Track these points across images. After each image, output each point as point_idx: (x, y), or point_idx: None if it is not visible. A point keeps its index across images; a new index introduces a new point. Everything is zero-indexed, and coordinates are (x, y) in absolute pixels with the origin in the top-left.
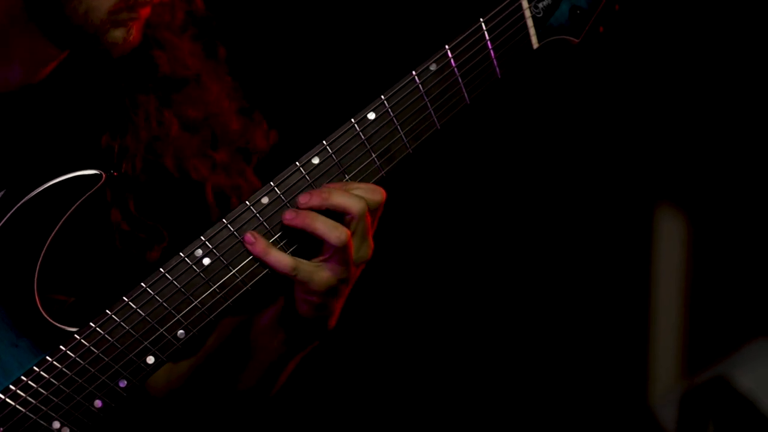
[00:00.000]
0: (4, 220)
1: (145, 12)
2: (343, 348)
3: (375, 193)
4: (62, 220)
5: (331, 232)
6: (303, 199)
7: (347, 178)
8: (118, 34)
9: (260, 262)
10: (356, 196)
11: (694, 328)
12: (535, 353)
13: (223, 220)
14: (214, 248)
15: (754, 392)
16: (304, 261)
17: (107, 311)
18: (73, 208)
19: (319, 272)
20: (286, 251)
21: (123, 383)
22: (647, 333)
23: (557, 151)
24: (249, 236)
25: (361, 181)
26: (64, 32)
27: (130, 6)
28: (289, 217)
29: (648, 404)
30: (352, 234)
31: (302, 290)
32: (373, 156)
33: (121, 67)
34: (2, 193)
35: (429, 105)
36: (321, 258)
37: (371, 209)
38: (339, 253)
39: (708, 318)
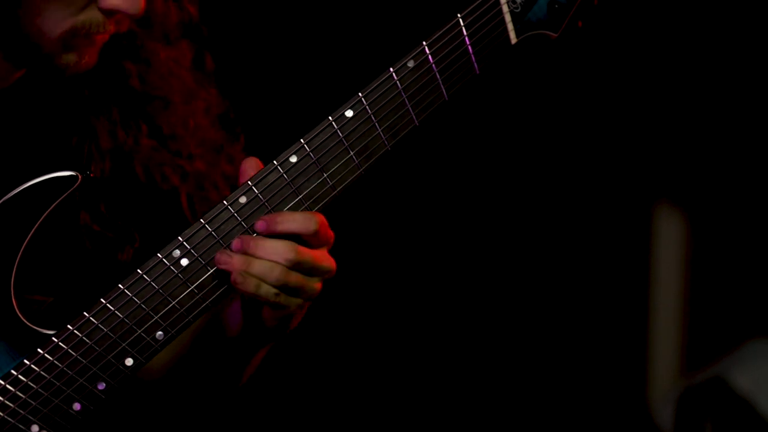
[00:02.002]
0: None
1: (102, 39)
2: (335, 349)
3: (309, 224)
4: (39, 222)
5: (269, 275)
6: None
7: (325, 176)
8: (71, 57)
9: None
10: (281, 242)
11: (692, 327)
12: (533, 352)
13: (201, 220)
14: (192, 248)
15: (752, 392)
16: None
17: (84, 313)
18: (50, 208)
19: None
20: None
21: (102, 386)
22: (646, 332)
23: (547, 148)
24: (223, 257)
25: (340, 179)
26: (21, 50)
27: (85, 33)
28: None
29: (646, 403)
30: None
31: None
32: (351, 153)
33: (86, 77)
34: None
35: (407, 101)
36: None
37: (316, 235)
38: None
39: (706, 317)
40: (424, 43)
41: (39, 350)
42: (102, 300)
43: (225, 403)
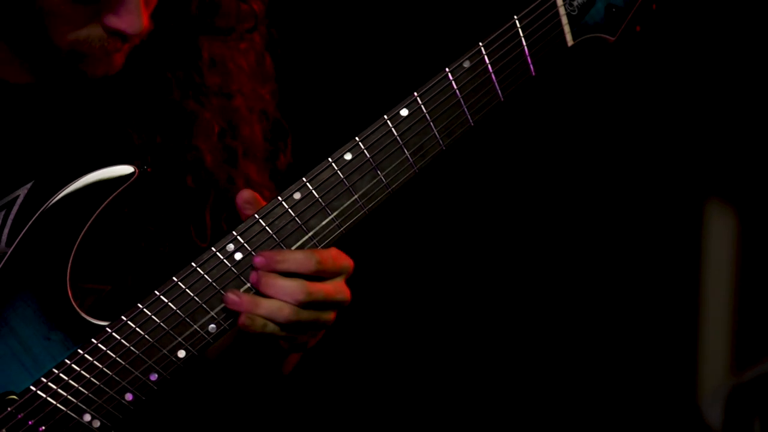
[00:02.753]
0: (37, 214)
1: (135, 42)
2: (347, 351)
3: (308, 263)
4: (95, 214)
5: (277, 315)
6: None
7: (380, 174)
8: (86, 65)
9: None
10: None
11: (742, 325)
12: (583, 351)
13: (255, 215)
14: (246, 243)
15: None
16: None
17: (139, 305)
18: (106, 202)
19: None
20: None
21: (154, 377)
22: (696, 330)
23: (601, 148)
24: (231, 296)
25: (395, 178)
26: (43, 56)
27: (87, 47)
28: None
29: (696, 401)
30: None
31: None
32: (406, 153)
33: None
34: (30, 184)
35: (462, 102)
36: None
37: (317, 273)
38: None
39: (756, 315)
40: (480, 44)
41: (93, 340)
42: (156, 292)
43: (270, 390)
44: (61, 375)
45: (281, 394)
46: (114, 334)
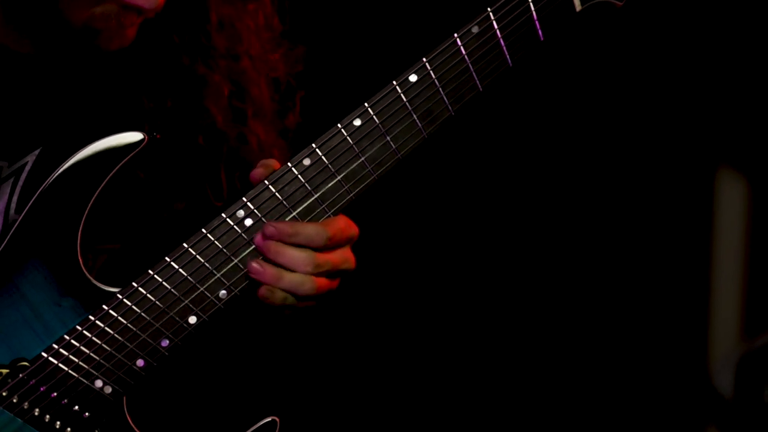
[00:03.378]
0: (47, 182)
1: (149, 16)
2: (346, 350)
3: (318, 239)
4: (105, 181)
5: (300, 288)
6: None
7: (389, 139)
8: (100, 39)
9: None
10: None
11: (753, 292)
12: (592, 316)
13: (265, 181)
14: (256, 209)
15: None
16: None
17: (149, 271)
18: (115, 169)
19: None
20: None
21: (165, 343)
22: (707, 297)
23: (610, 118)
24: (255, 265)
25: (404, 143)
26: (54, 34)
27: (102, 23)
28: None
29: (706, 368)
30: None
31: None
32: (415, 119)
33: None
34: (38, 151)
35: (471, 67)
36: None
37: (326, 247)
38: None
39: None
40: (489, 9)
41: (104, 306)
42: (167, 258)
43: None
44: (72, 341)
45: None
46: (125, 300)
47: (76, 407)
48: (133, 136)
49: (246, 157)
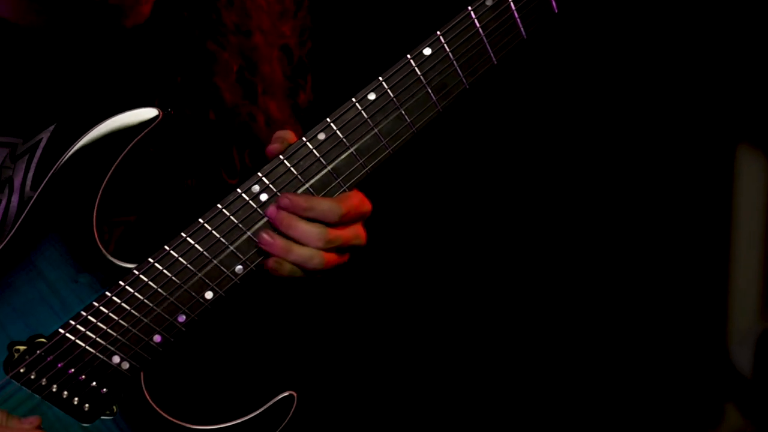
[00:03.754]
0: (62, 159)
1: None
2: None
3: (332, 215)
4: (120, 158)
5: (308, 262)
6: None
7: (403, 113)
8: (131, 16)
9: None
10: (313, 227)
11: None
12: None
13: (280, 156)
14: (271, 184)
15: None
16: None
17: (165, 247)
18: (130, 146)
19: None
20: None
21: (182, 318)
22: (726, 275)
23: (628, 94)
24: (265, 236)
25: (418, 117)
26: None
27: None
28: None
29: (725, 346)
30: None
31: None
32: (429, 91)
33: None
34: (52, 127)
35: (485, 39)
36: None
37: (339, 223)
38: None
39: None
40: None
41: (120, 282)
42: (182, 234)
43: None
44: (89, 317)
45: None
46: (141, 276)
47: (94, 383)
48: (148, 113)
49: (257, 135)
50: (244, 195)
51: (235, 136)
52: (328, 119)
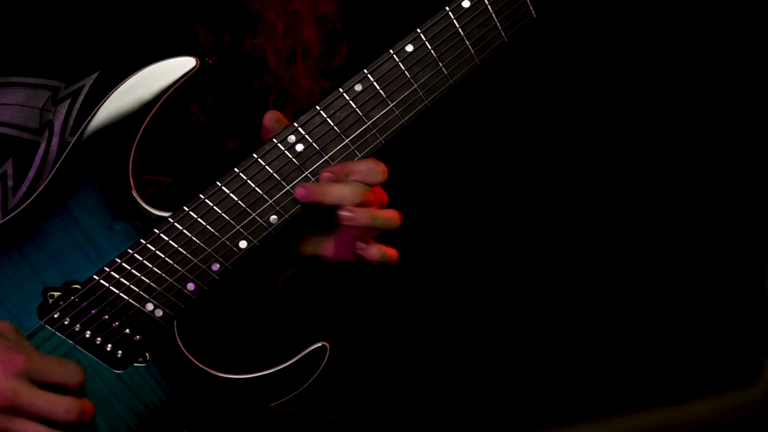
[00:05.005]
0: (102, 103)
1: None
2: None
3: (375, 175)
4: (158, 104)
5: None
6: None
7: (441, 66)
8: None
9: (353, 148)
10: (352, 186)
11: None
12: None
13: (316, 106)
14: (307, 134)
15: None
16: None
17: (200, 195)
18: (169, 92)
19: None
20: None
21: (216, 267)
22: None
23: (663, 85)
24: (300, 189)
25: (456, 69)
26: None
27: None
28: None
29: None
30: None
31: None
32: (467, 44)
33: None
34: (96, 74)
35: None
36: None
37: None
38: None
39: None
40: None
41: (155, 230)
42: (218, 183)
43: (260, 303)
44: (123, 264)
45: None
46: (176, 224)
47: (127, 330)
48: (186, 61)
49: (294, 96)
50: (279, 145)
51: (274, 96)
52: (365, 70)
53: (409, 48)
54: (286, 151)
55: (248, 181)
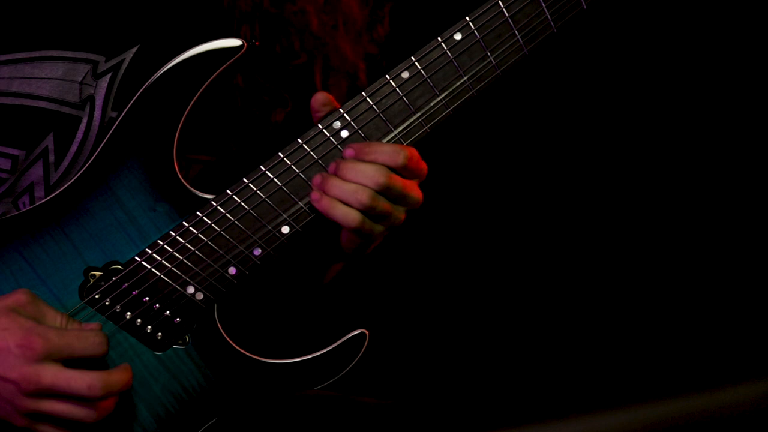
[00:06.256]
0: (150, 82)
1: None
2: None
3: (397, 156)
4: (204, 86)
5: (346, 217)
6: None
7: (490, 55)
8: None
9: (399, 136)
10: (373, 168)
11: None
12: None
13: (363, 93)
14: (353, 121)
15: None
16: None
17: (244, 179)
18: (215, 74)
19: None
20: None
21: (257, 251)
22: None
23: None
24: (315, 194)
25: (504, 59)
26: None
27: None
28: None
29: None
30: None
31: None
32: (516, 32)
33: None
34: (136, 48)
35: None
36: None
37: (399, 171)
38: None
39: None
40: None
41: (198, 213)
42: (261, 167)
43: (311, 299)
44: (165, 246)
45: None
46: (219, 207)
47: (168, 312)
48: (232, 42)
49: (338, 67)
50: (324, 131)
51: (319, 66)
52: (412, 58)
53: (458, 36)
54: (331, 137)
55: (292, 166)
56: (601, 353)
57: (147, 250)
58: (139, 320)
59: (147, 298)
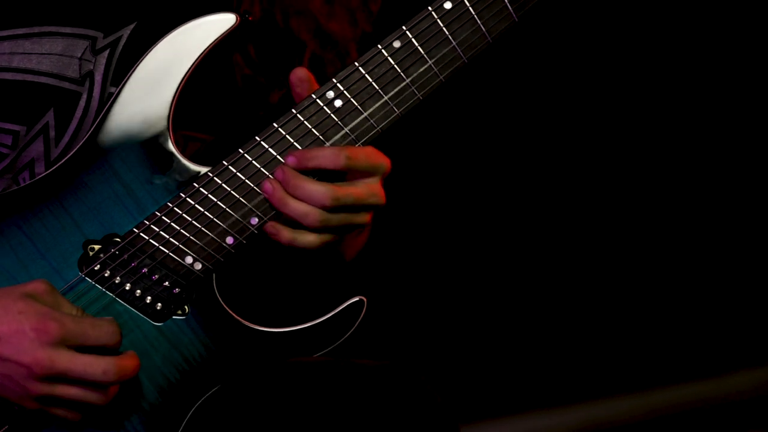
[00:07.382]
0: (145, 57)
1: None
2: None
3: (337, 159)
4: (198, 59)
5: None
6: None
7: (478, 21)
8: None
9: (392, 105)
10: (319, 184)
11: None
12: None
13: (355, 63)
14: (346, 90)
15: None
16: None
17: (240, 150)
18: (209, 47)
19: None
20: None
21: (254, 221)
22: None
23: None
24: (267, 185)
25: (494, 27)
26: None
27: None
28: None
29: None
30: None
31: None
32: (506, 2)
33: None
34: (133, 25)
35: None
36: None
37: (347, 168)
38: None
39: None
40: None
41: (194, 184)
42: (257, 138)
43: (337, 275)
44: (163, 217)
45: None
46: (215, 178)
47: (167, 283)
48: (226, 17)
49: (334, 43)
50: (318, 101)
51: (314, 44)
52: (403, 27)
53: (448, 5)
54: (324, 107)
55: (287, 136)
56: (598, 343)
57: (145, 221)
58: (138, 291)
59: (146, 269)
